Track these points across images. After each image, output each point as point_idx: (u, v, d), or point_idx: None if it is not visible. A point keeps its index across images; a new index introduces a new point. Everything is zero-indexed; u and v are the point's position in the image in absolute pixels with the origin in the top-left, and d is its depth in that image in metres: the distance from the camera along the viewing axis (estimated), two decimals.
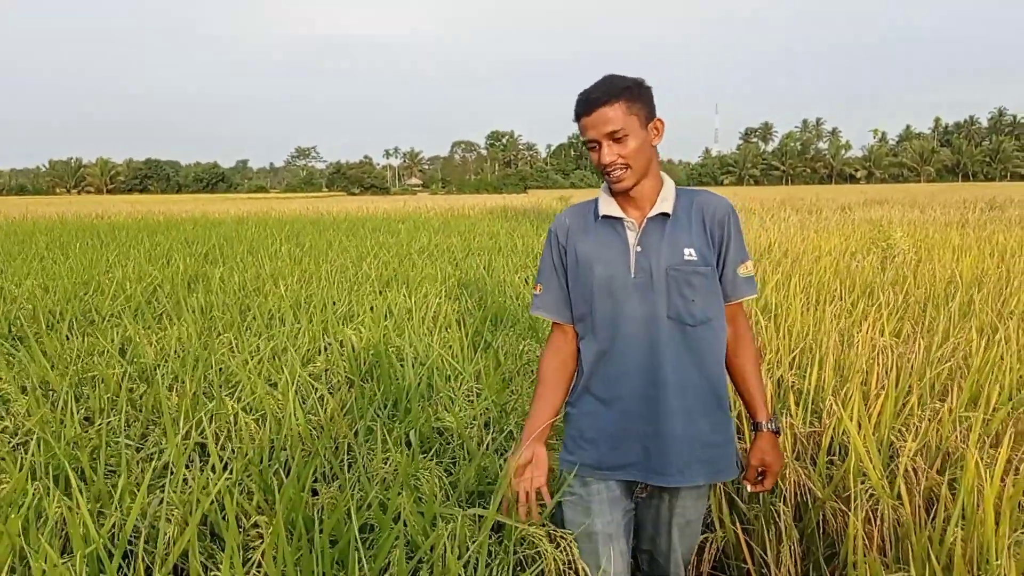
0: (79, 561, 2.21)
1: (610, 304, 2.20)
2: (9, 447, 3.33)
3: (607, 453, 2.25)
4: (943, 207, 23.00)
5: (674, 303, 2.16)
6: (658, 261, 2.16)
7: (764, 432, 2.32)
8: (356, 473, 3.11)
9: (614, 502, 2.29)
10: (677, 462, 2.19)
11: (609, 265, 2.19)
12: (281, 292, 7.09)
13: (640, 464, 2.22)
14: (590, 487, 2.29)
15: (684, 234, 2.18)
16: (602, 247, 2.22)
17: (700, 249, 2.17)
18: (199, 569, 2.14)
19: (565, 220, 2.33)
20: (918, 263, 8.73)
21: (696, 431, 2.19)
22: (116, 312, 6.80)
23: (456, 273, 9.04)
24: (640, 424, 2.20)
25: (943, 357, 4.51)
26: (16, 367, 4.84)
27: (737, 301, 2.27)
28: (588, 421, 2.28)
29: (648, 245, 2.17)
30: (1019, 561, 2.23)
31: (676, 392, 2.17)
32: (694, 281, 2.16)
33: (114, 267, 9.97)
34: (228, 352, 5.04)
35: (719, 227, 2.21)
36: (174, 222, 23.14)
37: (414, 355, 4.83)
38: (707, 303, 2.19)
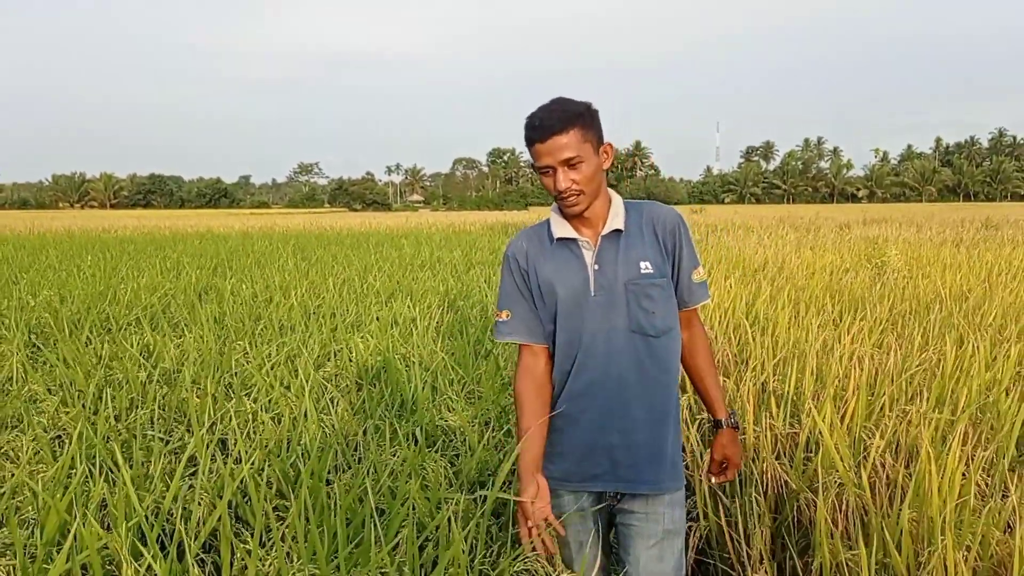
0: (124, 533, 2.48)
1: (573, 323, 2.23)
2: (47, 439, 3.59)
3: (576, 465, 2.29)
4: (940, 226, 23.30)
5: (635, 316, 2.20)
6: (616, 277, 2.20)
7: (725, 429, 2.41)
8: (367, 464, 3.38)
9: (584, 513, 2.35)
10: (645, 469, 2.25)
11: (570, 286, 2.22)
12: (293, 302, 7.37)
13: (609, 475, 2.27)
14: (562, 499, 2.35)
15: (638, 248, 2.23)
16: (561, 269, 2.25)
17: (655, 261, 2.23)
18: (230, 537, 2.40)
19: (522, 244, 2.34)
20: (908, 280, 9.01)
21: (660, 439, 2.26)
22: (132, 321, 7.08)
23: (458, 285, 9.33)
24: (607, 436, 2.24)
25: (919, 365, 4.78)
26: (42, 370, 5.12)
27: (693, 307, 2.33)
28: (557, 436, 2.32)
29: (605, 262, 2.21)
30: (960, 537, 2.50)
31: (641, 402, 2.23)
32: (652, 293, 2.21)
33: (126, 279, 10.25)
34: (243, 357, 5.31)
35: (671, 236, 2.26)
36: (180, 236, 23.46)
37: (419, 360, 5.11)
38: (666, 313, 2.24)
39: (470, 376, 4.98)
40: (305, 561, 2.42)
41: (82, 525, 2.57)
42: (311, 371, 4.71)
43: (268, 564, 2.57)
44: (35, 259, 13.93)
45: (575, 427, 2.27)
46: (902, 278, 9.27)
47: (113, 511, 2.79)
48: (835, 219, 31.43)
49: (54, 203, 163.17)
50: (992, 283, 8.33)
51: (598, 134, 2.18)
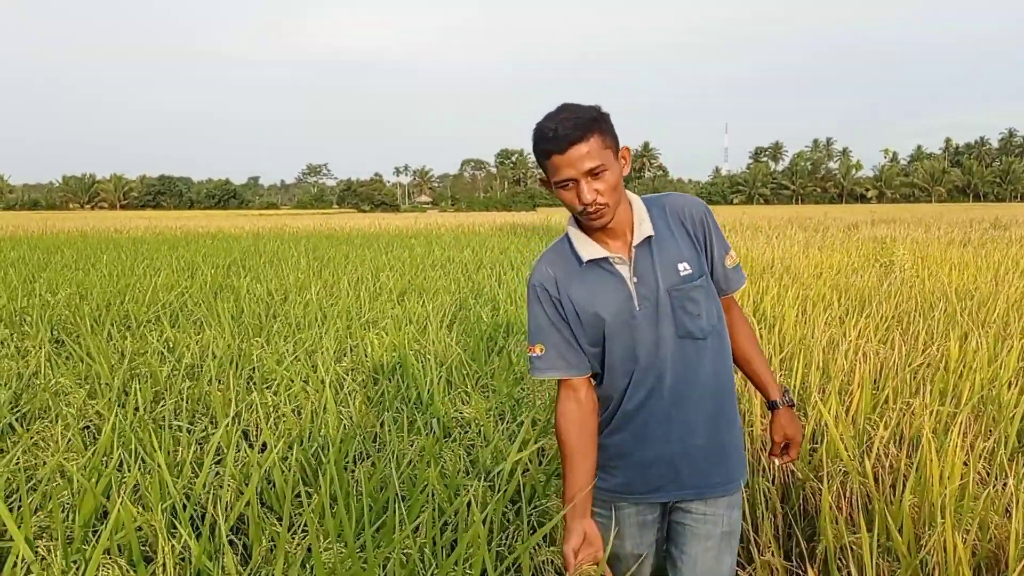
0: (159, 512, 2.60)
1: (622, 341, 2.12)
2: (77, 428, 3.72)
3: (636, 479, 2.19)
4: (948, 227, 23.34)
5: (682, 322, 2.10)
6: (657, 285, 2.09)
7: (781, 409, 2.32)
8: (388, 452, 3.50)
9: (644, 526, 2.25)
10: (708, 473, 2.17)
11: (612, 307, 2.10)
12: (311, 298, 7.51)
13: (672, 484, 2.18)
14: (620, 512, 2.24)
15: (673, 249, 2.12)
16: (598, 290, 2.12)
17: (691, 259, 2.13)
18: (259, 518, 2.52)
19: (547, 271, 2.19)
20: (915, 278, 9.10)
21: (718, 442, 2.18)
22: (152, 318, 7.21)
23: (469, 284, 9.45)
24: (668, 446, 2.15)
25: (923, 360, 4.88)
26: (65, 365, 5.25)
27: (731, 293, 2.26)
28: (616, 450, 2.21)
29: (643, 273, 2.10)
30: (960, 520, 2.61)
31: (696, 406, 2.13)
32: (695, 295, 2.11)
33: (143, 278, 10.40)
34: (262, 353, 5.44)
35: (701, 228, 2.17)
36: (192, 237, 23.65)
37: (434, 356, 5.23)
38: (710, 312, 2.15)
39: (483, 371, 5.10)
40: (332, 540, 2.54)
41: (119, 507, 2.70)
42: (331, 364, 4.83)
43: (295, 545, 2.69)
44: (51, 259, 14.11)
45: (633, 444, 2.17)
46: (909, 277, 9.36)
47: (147, 494, 2.92)
48: (844, 219, 31.47)
49: (64, 204, 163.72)
50: (999, 281, 8.41)
51: (615, 139, 2.04)
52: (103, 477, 2.95)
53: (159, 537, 2.50)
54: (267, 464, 3.14)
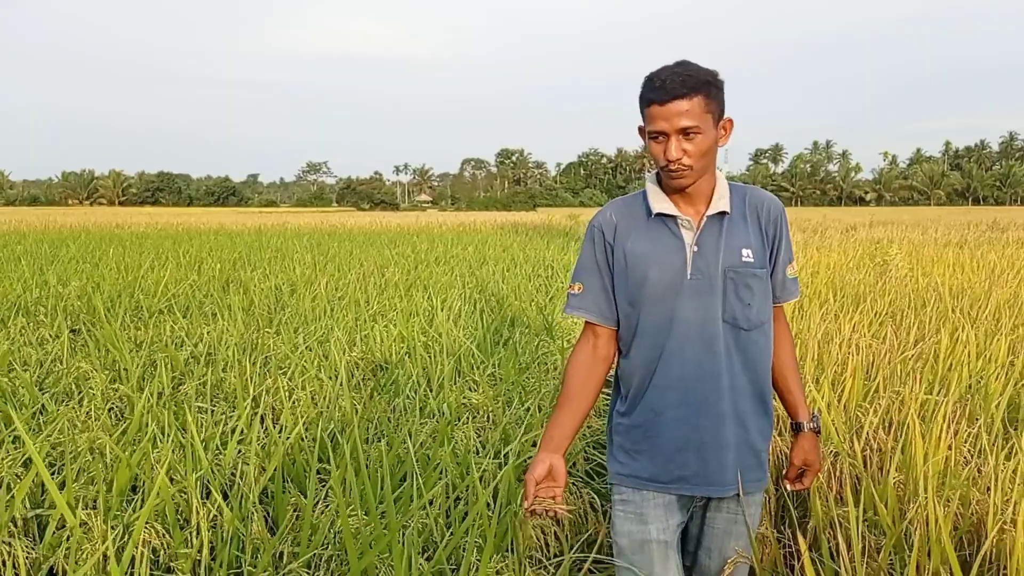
0: (193, 482, 2.78)
1: (663, 307, 2.07)
2: (105, 408, 3.90)
3: (663, 465, 2.13)
4: (946, 228, 23.56)
5: (731, 306, 2.06)
6: (716, 262, 2.05)
7: (806, 432, 2.26)
8: (403, 432, 3.67)
9: (669, 508, 2.17)
10: (734, 470, 2.12)
11: (664, 266, 2.06)
12: (320, 291, 7.69)
13: (698, 477, 2.12)
14: (644, 493, 2.17)
15: (741, 234, 2.09)
16: (656, 247, 2.08)
17: (757, 250, 2.09)
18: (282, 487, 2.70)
19: (611, 216, 2.17)
20: (910, 277, 9.29)
21: (747, 437, 2.13)
22: (163, 308, 7.39)
23: (473, 280, 9.63)
24: (697, 433, 2.09)
25: (914, 353, 5.06)
26: (81, 352, 5.43)
27: (783, 303, 2.22)
28: (642, 432, 2.16)
29: (705, 245, 2.06)
30: (941, 495, 2.78)
31: (731, 398, 2.09)
32: (752, 284, 2.08)
33: (150, 271, 10.58)
34: (274, 342, 5.62)
35: (774, 226, 2.13)
36: (195, 232, 23.83)
37: (443, 346, 5.40)
38: (761, 306, 2.11)
39: (490, 361, 5.27)
40: (356, 507, 2.71)
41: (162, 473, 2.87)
42: (345, 350, 5.01)
43: (318, 514, 2.86)
44: (57, 252, 14.27)
45: (662, 423, 2.11)
46: (904, 276, 9.55)
47: (178, 467, 3.09)
48: (842, 221, 31.67)
49: (64, 200, 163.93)
50: (993, 281, 8.60)
51: (721, 107, 2.02)
52: (137, 451, 3.12)
53: (193, 502, 2.67)
54: (289, 442, 3.31)
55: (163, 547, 2.66)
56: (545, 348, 5.74)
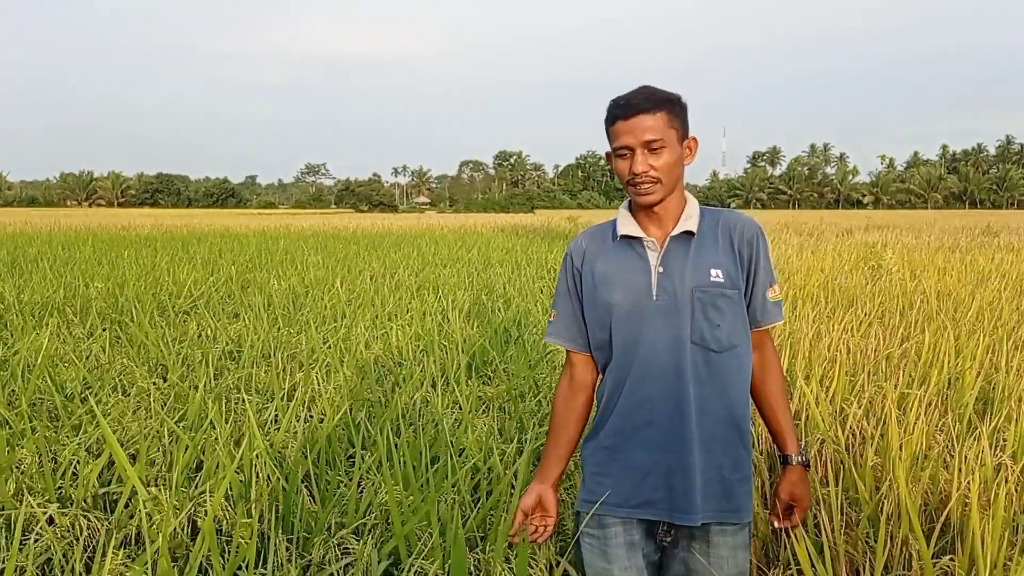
0: (252, 458, 3.14)
1: (630, 329, 2.07)
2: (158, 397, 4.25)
3: (629, 489, 2.11)
4: (940, 232, 23.96)
5: (699, 327, 2.03)
6: (682, 282, 2.04)
7: (793, 466, 2.20)
8: (429, 418, 4.04)
9: (632, 546, 2.13)
10: (699, 499, 2.05)
11: (629, 288, 2.07)
12: (338, 291, 8.06)
13: (664, 502, 2.08)
14: (608, 529, 2.14)
15: (710, 254, 2.07)
16: (621, 269, 2.10)
17: (727, 270, 2.06)
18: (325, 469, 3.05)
19: (581, 243, 2.22)
20: (900, 280, 9.67)
21: (716, 465, 2.06)
22: (186, 308, 7.75)
23: (480, 281, 10.01)
24: (663, 456, 2.07)
25: (900, 350, 5.42)
26: (114, 347, 5.78)
27: (766, 327, 2.16)
28: (607, 455, 2.15)
29: (671, 265, 2.05)
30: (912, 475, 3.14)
31: (699, 422, 2.05)
32: (720, 304, 2.04)
33: (166, 272, 10.94)
34: (298, 339, 5.98)
35: (748, 247, 2.10)
36: (201, 235, 24.17)
37: (458, 343, 5.77)
38: (733, 328, 2.07)
39: (502, 358, 5.63)
40: (398, 482, 3.08)
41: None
42: (363, 349, 5.37)
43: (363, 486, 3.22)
44: (72, 255, 14.61)
45: (629, 446, 2.11)
46: (895, 279, 9.93)
47: (233, 451, 3.45)
48: (839, 224, 32.07)
49: (62, 201, 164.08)
50: (977, 285, 8.98)
51: (684, 125, 2.06)
52: (198, 434, 3.49)
53: (252, 478, 3.04)
54: (329, 428, 3.67)
55: (226, 518, 3.01)
56: (553, 346, 6.10)
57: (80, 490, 3.20)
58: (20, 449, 3.53)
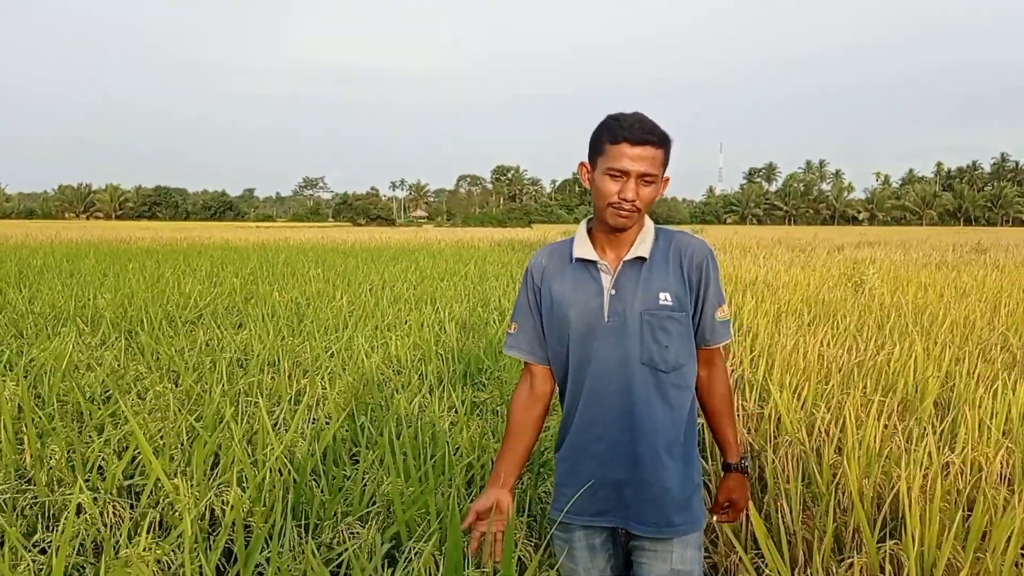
0: (273, 452, 3.45)
1: (584, 348, 2.18)
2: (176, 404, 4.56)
3: (586, 499, 2.23)
4: (930, 249, 24.35)
5: (648, 348, 2.14)
6: (632, 305, 2.14)
7: (733, 472, 2.37)
8: (425, 423, 4.35)
9: (592, 550, 2.30)
10: (653, 510, 2.18)
11: (583, 308, 2.17)
12: (341, 303, 8.37)
13: (618, 512, 2.23)
14: (572, 533, 2.30)
15: (660, 278, 2.16)
16: (576, 290, 2.19)
17: (676, 293, 2.15)
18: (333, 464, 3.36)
19: (541, 261, 2.31)
20: (875, 296, 10.01)
21: (667, 478, 2.18)
22: (193, 319, 8.06)
23: (476, 294, 10.33)
24: (616, 470, 2.20)
25: (873, 363, 5.74)
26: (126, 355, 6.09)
27: (715, 346, 2.27)
28: (566, 467, 2.28)
29: (623, 288, 2.16)
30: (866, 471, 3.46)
31: (649, 439, 2.16)
32: (668, 326, 2.14)
33: (170, 284, 11.24)
34: (301, 348, 6.29)
35: (697, 271, 2.19)
36: (202, 248, 24.49)
37: (451, 353, 6.08)
38: (680, 349, 2.18)
39: (495, 366, 5.94)
40: (398, 476, 3.39)
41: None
42: (364, 358, 5.68)
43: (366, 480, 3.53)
44: (76, 266, 14.91)
45: (584, 459, 2.24)
46: (877, 294, 10.27)
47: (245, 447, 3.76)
48: (831, 241, 32.48)
49: (60, 213, 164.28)
50: (951, 301, 9.32)
51: (668, 164, 2.15)
52: (215, 432, 3.80)
53: (266, 471, 3.34)
54: (335, 428, 3.97)
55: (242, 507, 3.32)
56: None
57: (108, 481, 3.50)
58: (50, 445, 3.83)
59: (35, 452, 3.75)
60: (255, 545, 2.76)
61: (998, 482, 3.59)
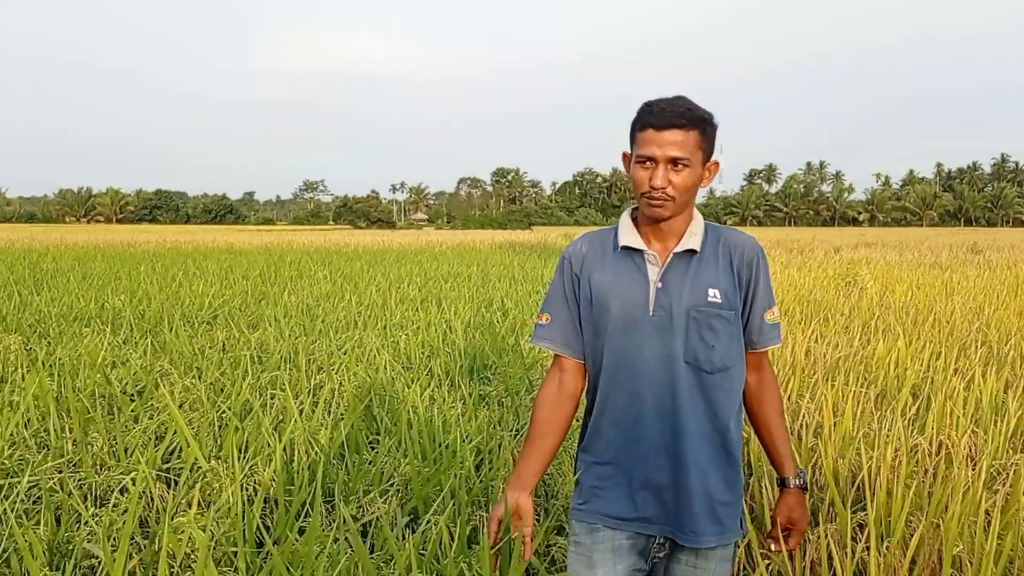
0: (293, 439, 3.78)
1: (624, 342, 2.05)
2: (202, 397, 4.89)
3: (623, 503, 2.10)
4: (925, 250, 24.70)
5: (692, 347, 2.01)
6: (680, 300, 2.01)
7: (791, 489, 2.17)
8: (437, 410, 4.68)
9: (619, 552, 2.12)
10: (693, 519, 2.05)
11: (626, 301, 2.05)
12: (351, 303, 8.72)
13: (659, 517, 2.08)
14: (596, 535, 2.13)
15: (710, 274, 2.04)
16: (620, 280, 2.07)
17: (725, 291, 2.03)
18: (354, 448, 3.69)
19: (581, 248, 2.17)
20: (865, 294, 10.35)
21: (709, 487, 2.05)
22: (208, 319, 8.40)
23: (480, 295, 10.67)
24: (657, 474, 2.06)
25: (858, 357, 6.08)
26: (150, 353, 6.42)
27: (763, 349, 2.14)
28: (602, 469, 2.14)
29: (670, 282, 2.03)
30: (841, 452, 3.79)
31: (693, 443, 2.03)
32: (716, 325, 2.02)
33: (183, 287, 11.59)
34: (315, 346, 6.62)
35: (748, 268, 2.06)
36: (208, 251, 24.83)
37: (458, 350, 6.42)
38: (727, 350, 2.04)
39: (500, 363, 6.27)
40: (415, 457, 3.72)
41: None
42: (376, 354, 6.01)
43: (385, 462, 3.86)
44: (87, 269, 15.26)
45: (622, 461, 2.10)
46: (868, 294, 10.61)
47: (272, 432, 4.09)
48: (831, 242, 32.83)
49: (60, 217, 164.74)
50: (936, 299, 9.67)
51: (711, 147, 2.03)
52: (245, 420, 4.13)
53: (296, 454, 3.68)
54: (354, 417, 4.31)
55: (272, 485, 3.65)
56: (545, 352, 6.75)
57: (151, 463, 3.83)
58: (91, 432, 4.16)
59: (80, 439, 4.08)
60: (293, 510, 3.09)
61: (964, 462, 3.92)
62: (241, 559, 2.80)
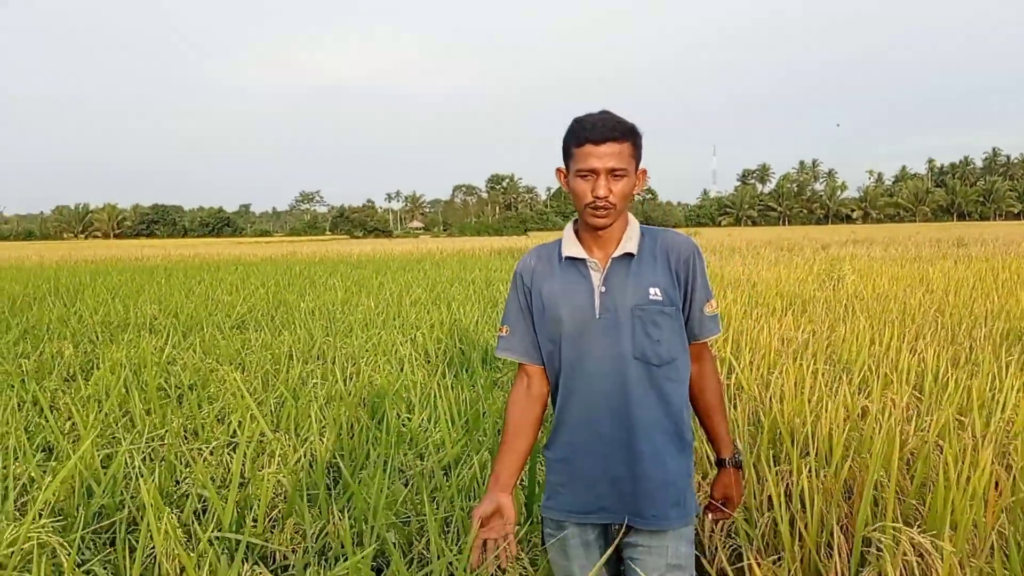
0: (317, 429, 4.54)
1: (577, 346, 2.17)
2: (246, 380, 5.64)
3: (582, 496, 2.23)
4: (913, 245, 25.50)
5: (640, 343, 2.14)
6: (623, 301, 2.15)
7: (728, 468, 2.35)
8: (455, 394, 5.45)
9: (588, 546, 2.28)
10: (651, 504, 2.17)
11: (574, 306, 2.18)
12: (369, 306, 9.48)
13: (615, 507, 2.21)
14: (566, 530, 2.28)
15: (649, 274, 2.17)
16: (567, 289, 2.20)
17: (665, 289, 2.16)
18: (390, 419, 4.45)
19: (530, 262, 2.32)
20: (841, 287, 11.14)
21: (664, 472, 2.18)
22: (236, 324, 9.16)
23: (485, 296, 11.45)
24: (613, 466, 2.19)
25: (830, 340, 6.84)
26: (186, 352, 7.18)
27: (704, 340, 2.27)
28: (561, 466, 2.26)
29: (613, 285, 2.16)
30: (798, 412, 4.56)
31: (645, 433, 2.15)
32: (659, 321, 2.15)
33: (206, 296, 12.34)
34: (343, 344, 7.39)
35: (685, 266, 2.20)
36: (216, 263, 25.60)
37: (471, 344, 7.19)
38: (672, 343, 2.18)
39: None
40: (446, 429, 4.49)
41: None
42: (398, 348, 6.78)
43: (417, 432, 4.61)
44: (107, 282, 16.01)
45: (580, 457, 2.22)
46: (847, 287, 11.40)
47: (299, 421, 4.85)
48: (820, 240, 33.62)
49: (58, 234, 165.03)
50: (912, 291, 10.45)
51: (640, 155, 2.17)
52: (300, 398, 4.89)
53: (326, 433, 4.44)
54: (387, 398, 5.07)
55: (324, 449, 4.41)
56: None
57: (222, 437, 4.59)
58: (168, 416, 4.92)
59: (160, 421, 4.84)
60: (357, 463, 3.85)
61: (902, 419, 4.67)
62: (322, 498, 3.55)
